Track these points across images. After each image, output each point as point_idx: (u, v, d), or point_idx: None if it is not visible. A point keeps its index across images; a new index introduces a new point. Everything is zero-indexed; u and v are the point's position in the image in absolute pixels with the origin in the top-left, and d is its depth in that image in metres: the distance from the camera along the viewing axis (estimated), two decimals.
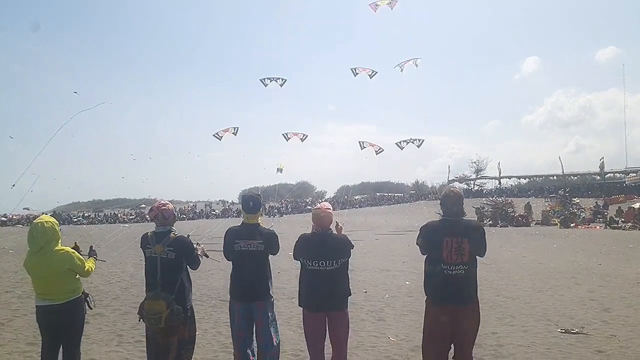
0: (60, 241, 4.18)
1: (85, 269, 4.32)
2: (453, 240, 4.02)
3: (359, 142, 19.64)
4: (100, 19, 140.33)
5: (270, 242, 4.53)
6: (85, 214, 56.73)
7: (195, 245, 4.49)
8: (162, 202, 4.49)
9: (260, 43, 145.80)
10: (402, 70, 18.84)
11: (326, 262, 4.25)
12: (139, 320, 4.28)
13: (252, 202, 4.61)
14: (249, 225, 4.58)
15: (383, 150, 19.50)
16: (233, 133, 19.96)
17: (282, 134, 21.23)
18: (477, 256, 4.17)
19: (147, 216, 4.33)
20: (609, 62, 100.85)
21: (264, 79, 20.77)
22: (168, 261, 4.19)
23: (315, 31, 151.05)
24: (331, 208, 4.50)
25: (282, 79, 21.09)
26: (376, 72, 19.88)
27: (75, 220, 51.76)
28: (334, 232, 4.48)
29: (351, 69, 20.13)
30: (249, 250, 4.45)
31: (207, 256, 4.80)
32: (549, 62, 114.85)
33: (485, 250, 4.28)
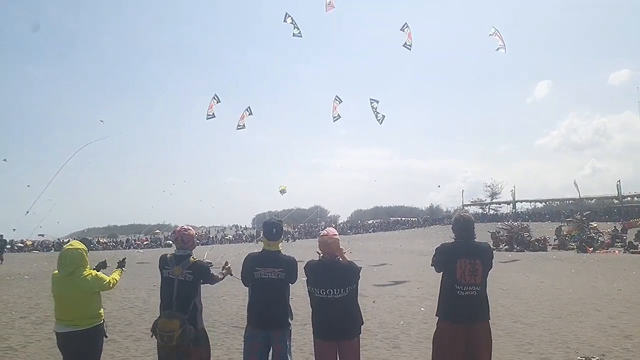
0: (88, 266, 4.39)
1: (110, 283, 4.54)
2: (467, 261, 4.18)
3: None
4: (115, 45, 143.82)
5: (291, 270, 4.48)
6: (101, 240, 57.15)
7: (223, 265, 4.88)
8: (185, 227, 4.67)
9: (271, 68, 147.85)
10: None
11: (334, 290, 4.19)
12: (152, 336, 4.41)
13: (275, 229, 4.55)
14: (270, 252, 4.53)
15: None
16: (249, 114, 20.26)
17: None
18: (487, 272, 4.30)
19: (169, 239, 4.71)
20: (622, 85, 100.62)
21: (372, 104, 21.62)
22: (185, 283, 4.38)
23: (328, 52, 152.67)
24: (337, 234, 4.46)
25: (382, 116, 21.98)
26: (384, 117, 20.55)
27: (91, 246, 52.20)
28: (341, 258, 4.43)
29: (371, 103, 20.63)
30: (269, 278, 4.40)
31: (232, 274, 4.97)
32: (562, 85, 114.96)
33: (492, 266, 4.38)
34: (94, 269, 4.52)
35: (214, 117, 18.73)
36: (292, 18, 20.10)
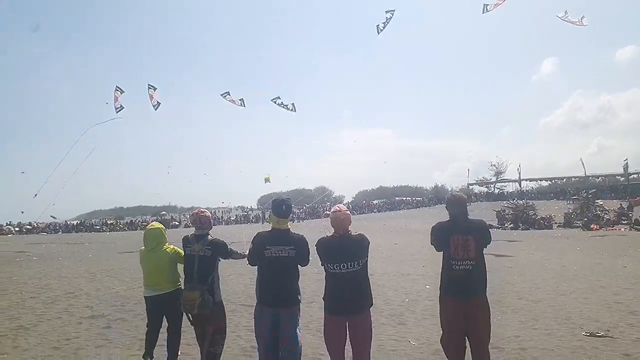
0: (167, 242, 5.23)
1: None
2: (459, 237, 4.42)
3: None
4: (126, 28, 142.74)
5: (302, 249, 4.51)
6: (108, 221, 57.51)
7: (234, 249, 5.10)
8: (202, 209, 5.19)
9: (271, 50, 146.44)
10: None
11: (347, 264, 4.23)
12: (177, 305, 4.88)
13: (284, 205, 4.57)
14: (280, 230, 4.56)
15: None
16: (240, 104, 20.17)
17: (221, 95, 21.40)
18: (484, 247, 4.52)
19: (189, 220, 5.19)
20: (629, 62, 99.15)
21: (276, 100, 21.12)
22: (205, 258, 4.86)
23: (327, 37, 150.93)
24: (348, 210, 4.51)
25: (292, 105, 21.52)
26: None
27: (97, 227, 52.55)
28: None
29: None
30: (280, 257, 4.43)
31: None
32: (568, 63, 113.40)
33: (491, 239, 4.62)
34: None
35: (123, 108, 18.53)
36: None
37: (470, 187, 67.73)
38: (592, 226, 28.54)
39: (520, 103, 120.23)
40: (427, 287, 10.11)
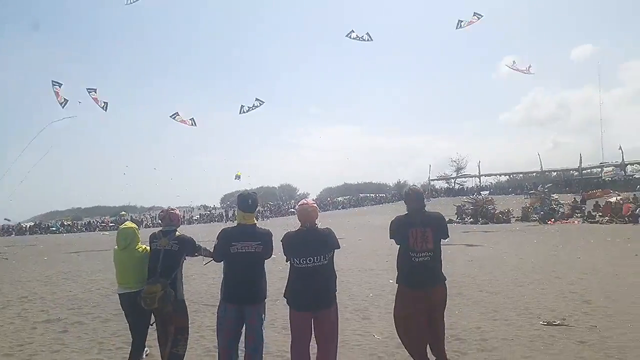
0: (139, 241, 5.15)
1: None
2: (418, 230, 4.55)
3: None
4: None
5: (268, 243, 4.48)
6: (65, 222, 55.71)
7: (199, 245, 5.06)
8: (172, 207, 5.19)
9: (242, 44, 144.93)
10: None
11: (315, 258, 4.20)
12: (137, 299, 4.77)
13: (250, 199, 4.53)
14: (246, 226, 4.50)
15: None
16: (191, 124, 19.99)
17: (170, 116, 21.39)
18: (442, 239, 4.68)
19: (158, 217, 5.17)
20: (585, 60, 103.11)
21: (244, 108, 21.10)
22: (171, 252, 4.81)
23: (295, 34, 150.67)
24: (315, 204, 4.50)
25: (260, 102, 21.36)
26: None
27: (53, 229, 50.81)
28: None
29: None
30: (246, 252, 4.37)
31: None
32: (525, 60, 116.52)
33: (448, 233, 4.81)
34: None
35: (67, 101, 18.10)
36: None
37: (432, 182, 68.91)
38: (547, 221, 29.49)
39: (481, 101, 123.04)
40: (391, 281, 10.14)
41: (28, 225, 52.99)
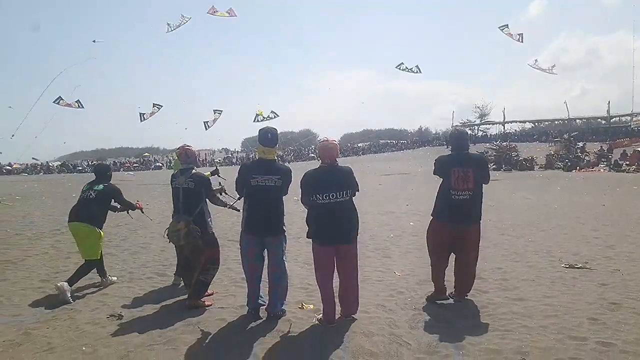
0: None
1: None
2: (460, 170, 4.76)
3: None
4: None
5: (287, 179, 4.55)
6: (91, 162, 56.83)
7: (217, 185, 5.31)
8: (187, 144, 5.22)
9: None
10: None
11: (337, 193, 4.24)
12: (164, 235, 5.05)
13: (270, 133, 4.55)
14: (267, 160, 4.54)
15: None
16: (77, 106, 20.50)
17: (140, 113, 21.73)
18: (482, 183, 4.91)
19: (175, 154, 5.18)
20: (618, 3, 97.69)
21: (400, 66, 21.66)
22: (189, 190, 4.95)
23: None
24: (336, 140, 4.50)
25: (417, 68, 21.95)
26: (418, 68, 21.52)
27: (80, 168, 51.96)
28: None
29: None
30: (266, 186, 4.44)
31: (226, 193, 5.48)
32: (555, 3, 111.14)
33: (489, 178, 5.07)
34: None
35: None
36: None
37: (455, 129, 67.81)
38: (573, 169, 28.98)
39: (507, 44, 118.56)
40: (411, 224, 10.30)
41: (55, 165, 54.33)
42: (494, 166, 33.31)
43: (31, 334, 4.27)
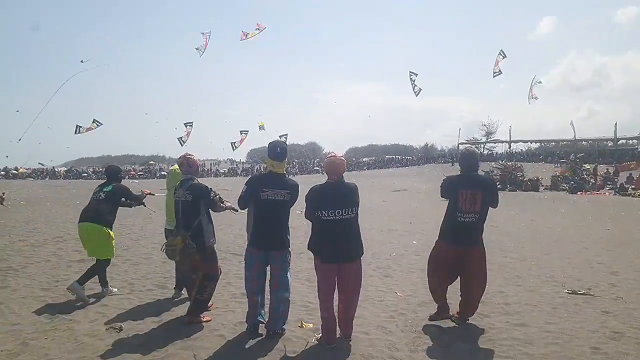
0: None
1: None
2: (468, 192, 4.73)
3: None
4: None
5: (295, 194, 4.57)
6: (97, 169, 57.11)
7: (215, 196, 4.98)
8: (189, 153, 5.14)
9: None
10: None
11: (343, 210, 4.23)
12: (162, 250, 4.93)
13: (279, 147, 4.58)
14: (276, 174, 4.56)
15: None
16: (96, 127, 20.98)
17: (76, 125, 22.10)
18: (490, 207, 4.90)
19: (176, 163, 5.16)
20: (629, 23, 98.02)
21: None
22: (187, 203, 4.81)
23: None
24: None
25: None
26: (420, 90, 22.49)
27: (85, 175, 52.23)
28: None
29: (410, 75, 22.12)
30: (275, 200, 4.46)
31: (234, 210, 5.18)
32: (566, 22, 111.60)
33: (498, 202, 4.99)
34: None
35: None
36: None
37: (461, 147, 67.83)
38: (578, 192, 28.82)
39: (515, 62, 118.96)
40: (414, 242, 10.26)
41: (62, 170, 54.65)
42: (499, 186, 33.21)
43: (29, 344, 4.26)
